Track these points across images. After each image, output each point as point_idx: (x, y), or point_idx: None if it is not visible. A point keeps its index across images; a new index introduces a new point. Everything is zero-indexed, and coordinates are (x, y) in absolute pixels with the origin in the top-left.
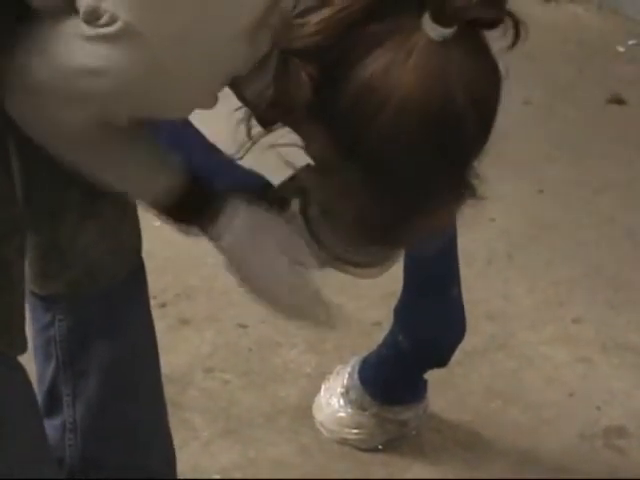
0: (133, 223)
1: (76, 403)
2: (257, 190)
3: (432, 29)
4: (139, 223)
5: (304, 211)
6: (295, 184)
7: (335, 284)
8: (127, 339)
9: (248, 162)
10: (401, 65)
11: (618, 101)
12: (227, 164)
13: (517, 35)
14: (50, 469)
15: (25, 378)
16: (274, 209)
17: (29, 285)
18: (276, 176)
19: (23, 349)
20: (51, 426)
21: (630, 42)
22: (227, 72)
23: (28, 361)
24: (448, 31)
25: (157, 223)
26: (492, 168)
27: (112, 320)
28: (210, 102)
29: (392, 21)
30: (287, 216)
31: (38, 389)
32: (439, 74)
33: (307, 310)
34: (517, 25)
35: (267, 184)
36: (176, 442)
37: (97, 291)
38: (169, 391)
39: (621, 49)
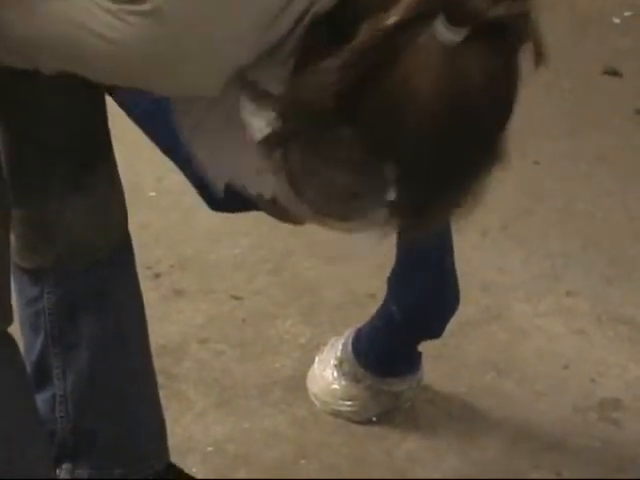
0: (119, 196)
1: (66, 375)
2: None
3: (445, 33)
4: (124, 196)
5: (286, 162)
6: (278, 136)
7: (328, 255)
8: (115, 312)
9: None
10: (419, 74)
11: (613, 73)
12: None
13: (539, 58)
14: (41, 441)
15: (14, 349)
16: None
17: (15, 259)
18: None
19: (9, 321)
20: (40, 399)
21: (626, 13)
22: (236, 61)
23: (14, 334)
24: (461, 34)
25: (152, 194)
26: None
27: (100, 293)
28: (214, 89)
29: (404, 34)
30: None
31: (26, 362)
32: (455, 77)
33: None
34: (539, 47)
35: None
36: (170, 414)
37: (84, 264)
38: (163, 362)
39: (617, 20)
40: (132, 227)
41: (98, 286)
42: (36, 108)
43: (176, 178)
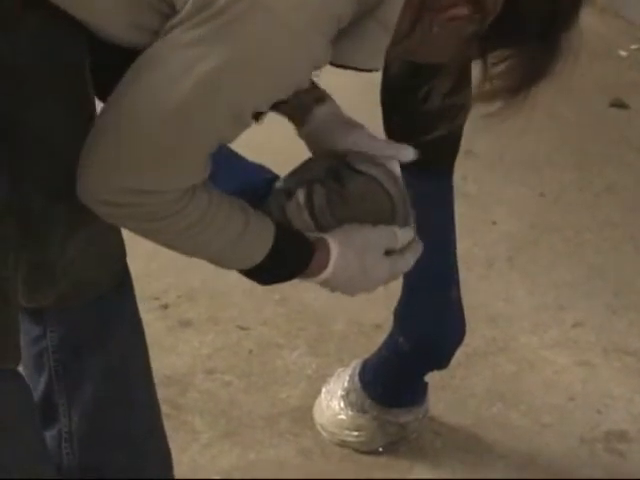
0: (118, 231)
1: (71, 412)
2: (263, 182)
3: None
4: (121, 231)
5: (310, 200)
6: (301, 175)
7: None
8: (118, 346)
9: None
10: None
11: (620, 105)
12: (231, 155)
13: None
14: (49, 470)
15: (23, 386)
16: (280, 200)
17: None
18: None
19: (17, 361)
20: (47, 436)
21: (633, 46)
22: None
23: None
24: None
25: None
26: (493, 171)
27: (102, 328)
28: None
29: None
30: (292, 206)
31: None
32: None
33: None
34: None
35: (272, 176)
36: (176, 444)
37: (87, 300)
38: (170, 392)
39: (624, 53)
40: (139, 257)
41: (100, 321)
42: (40, 150)
43: None
